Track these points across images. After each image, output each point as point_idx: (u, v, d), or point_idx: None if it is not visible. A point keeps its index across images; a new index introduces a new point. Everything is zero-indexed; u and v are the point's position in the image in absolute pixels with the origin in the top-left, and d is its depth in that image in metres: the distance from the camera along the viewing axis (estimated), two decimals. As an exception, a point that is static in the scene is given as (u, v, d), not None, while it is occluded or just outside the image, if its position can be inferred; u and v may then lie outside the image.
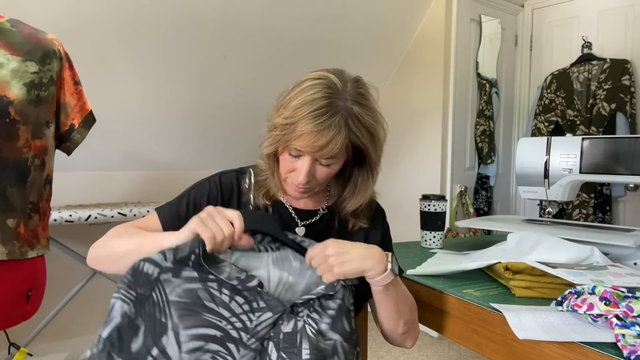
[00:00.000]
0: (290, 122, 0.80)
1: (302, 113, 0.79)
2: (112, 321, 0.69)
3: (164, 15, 2.12)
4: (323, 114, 0.78)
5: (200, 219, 0.73)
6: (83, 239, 2.42)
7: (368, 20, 2.70)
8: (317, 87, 0.81)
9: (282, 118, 0.81)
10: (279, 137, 0.83)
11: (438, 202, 1.34)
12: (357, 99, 0.83)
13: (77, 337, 2.45)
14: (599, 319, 0.72)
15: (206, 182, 0.94)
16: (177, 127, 2.54)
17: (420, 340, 2.73)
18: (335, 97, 0.80)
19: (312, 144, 0.79)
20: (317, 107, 0.79)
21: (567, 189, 1.34)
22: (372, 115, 0.85)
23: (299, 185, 0.86)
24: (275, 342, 0.70)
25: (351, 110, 0.81)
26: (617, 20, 2.71)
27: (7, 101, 1.08)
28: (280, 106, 0.84)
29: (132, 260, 0.72)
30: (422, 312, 1.03)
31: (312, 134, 0.78)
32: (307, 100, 0.79)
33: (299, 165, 0.84)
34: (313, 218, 0.95)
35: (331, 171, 0.87)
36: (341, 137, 0.80)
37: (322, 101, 0.79)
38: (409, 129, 3.01)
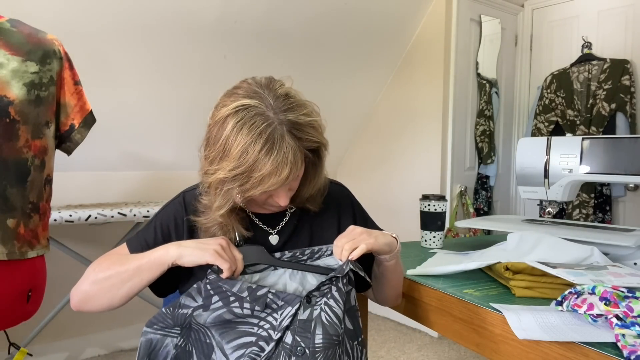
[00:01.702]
0: (241, 171, 0.74)
1: (252, 156, 0.73)
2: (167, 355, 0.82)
3: (164, 16, 2.12)
4: (272, 147, 0.73)
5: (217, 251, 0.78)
6: (83, 239, 2.42)
7: (368, 20, 2.70)
8: (246, 121, 0.74)
9: (228, 171, 0.75)
10: (233, 190, 0.77)
11: (438, 202, 1.34)
12: (284, 105, 0.77)
13: (77, 337, 2.45)
14: (599, 319, 0.72)
15: (171, 204, 0.92)
16: (177, 127, 2.54)
17: (420, 340, 2.73)
18: (267, 118, 0.74)
19: (278, 179, 0.75)
20: (262, 143, 0.73)
21: (567, 189, 1.34)
22: (304, 110, 0.79)
23: (279, 208, 0.89)
24: (292, 329, 0.77)
25: (288, 121, 0.76)
26: (617, 20, 2.72)
27: (7, 101, 1.08)
28: (213, 160, 0.78)
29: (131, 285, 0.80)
30: (422, 312, 1.03)
31: (274, 172, 0.74)
32: (247, 142, 0.73)
33: (275, 195, 0.83)
34: (282, 221, 0.92)
35: (300, 178, 0.85)
36: (298, 154, 0.77)
37: (262, 133, 0.73)
38: (409, 129, 3.01)
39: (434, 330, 1.01)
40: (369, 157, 3.26)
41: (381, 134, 3.20)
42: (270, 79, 0.82)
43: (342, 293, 0.80)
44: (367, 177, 3.25)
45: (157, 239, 0.88)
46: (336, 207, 0.97)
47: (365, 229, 0.86)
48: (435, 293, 0.97)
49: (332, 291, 0.80)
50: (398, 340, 2.74)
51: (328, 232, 0.94)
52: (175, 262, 0.79)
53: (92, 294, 0.83)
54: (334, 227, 0.95)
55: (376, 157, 3.23)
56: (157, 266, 0.80)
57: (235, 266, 0.80)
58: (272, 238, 0.91)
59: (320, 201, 0.94)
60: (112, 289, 0.81)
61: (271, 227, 0.92)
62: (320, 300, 0.79)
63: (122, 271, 0.81)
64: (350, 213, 0.99)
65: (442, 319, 0.98)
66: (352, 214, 0.99)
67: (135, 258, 0.82)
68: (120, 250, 0.89)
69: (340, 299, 0.79)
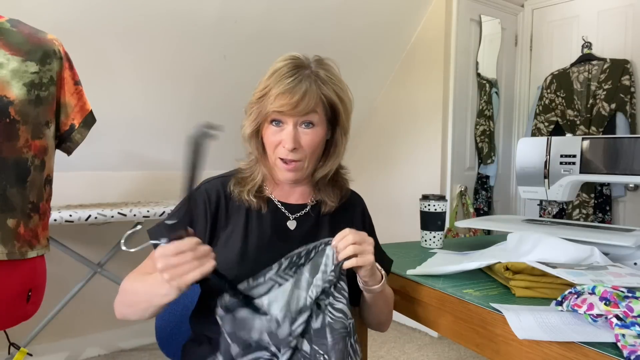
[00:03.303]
0: (264, 92, 0.88)
1: (274, 80, 0.87)
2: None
3: (164, 16, 2.12)
4: (292, 75, 0.87)
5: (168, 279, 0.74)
6: (83, 239, 2.42)
7: (368, 20, 2.70)
8: (284, 61, 0.90)
9: (259, 91, 0.89)
10: (257, 110, 0.90)
11: (438, 202, 1.34)
12: (321, 67, 0.91)
13: (77, 337, 2.45)
14: (599, 319, 0.72)
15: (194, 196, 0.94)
16: (177, 127, 2.54)
17: (420, 340, 2.73)
18: (300, 64, 0.89)
19: (289, 102, 0.85)
20: (286, 71, 0.87)
21: (567, 189, 1.34)
22: (337, 79, 0.92)
23: (287, 156, 0.89)
24: (307, 338, 0.80)
25: (317, 74, 0.89)
26: (617, 20, 2.71)
27: (7, 101, 1.08)
28: (256, 90, 0.92)
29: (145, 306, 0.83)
30: (422, 312, 1.03)
31: (286, 93, 0.85)
32: (275, 69, 0.88)
33: (283, 134, 0.89)
34: (302, 211, 0.98)
35: (314, 137, 0.90)
36: (312, 91, 0.87)
37: (290, 67, 0.88)
38: (409, 129, 3.01)
39: (434, 330, 1.01)
40: (369, 157, 3.26)
41: (381, 134, 3.19)
42: (318, 56, 0.95)
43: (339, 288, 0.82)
44: (367, 177, 3.25)
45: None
46: (351, 213, 1.04)
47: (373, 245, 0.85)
48: (435, 293, 0.97)
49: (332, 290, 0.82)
50: (398, 340, 2.74)
51: None
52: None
53: (125, 312, 0.89)
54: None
55: (376, 157, 3.23)
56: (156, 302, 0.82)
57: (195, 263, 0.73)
58: (290, 223, 0.96)
59: (337, 197, 0.99)
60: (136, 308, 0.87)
61: (291, 213, 0.96)
62: (325, 301, 0.82)
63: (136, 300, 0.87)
64: (361, 222, 1.05)
65: (442, 319, 0.98)
66: (362, 223, 1.05)
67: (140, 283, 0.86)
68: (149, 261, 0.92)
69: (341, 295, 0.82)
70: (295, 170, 0.91)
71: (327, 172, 0.97)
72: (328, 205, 0.98)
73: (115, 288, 0.85)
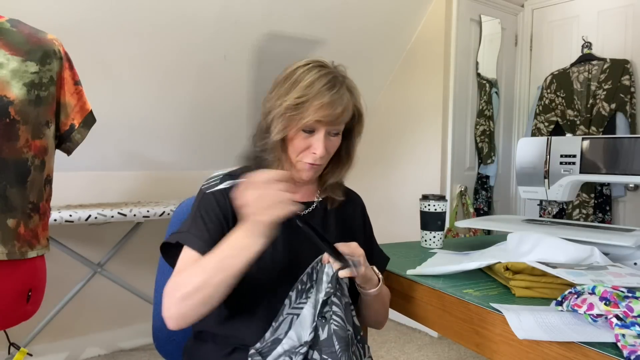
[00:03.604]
0: (304, 100, 0.88)
1: (316, 88, 0.88)
2: None
3: (164, 16, 2.12)
4: (334, 86, 0.90)
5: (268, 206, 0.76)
6: (83, 239, 2.42)
7: (368, 21, 2.70)
8: (316, 68, 0.91)
9: (294, 99, 0.88)
10: (292, 117, 0.89)
11: (438, 202, 1.34)
12: (345, 74, 0.96)
13: (77, 337, 2.45)
14: (599, 319, 0.72)
15: (209, 195, 0.93)
16: (177, 127, 2.54)
17: (420, 340, 2.73)
18: (333, 72, 0.92)
19: (332, 112, 0.88)
20: (327, 80, 0.89)
21: (567, 189, 1.34)
22: (355, 86, 0.97)
23: (315, 161, 0.92)
24: (317, 349, 0.82)
25: (346, 83, 0.94)
26: (617, 20, 2.71)
27: (7, 101, 1.08)
28: (281, 95, 0.91)
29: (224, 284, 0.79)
30: (422, 312, 1.03)
31: (330, 104, 0.88)
32: (315, 78, 0.89)
33: (313, 141, 0.91)
34: (309, 208, 1.00)
35: (337, 143, 0.96)
36: (351, 103, 0.93)
37: (329, 76, 0.90)
38: (409, 129, 3.01)
39: (434, 330, 1.01)
40: (369, 157, 3.26)
41: (381, 134, 3.19)
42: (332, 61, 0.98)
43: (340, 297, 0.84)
44: (367, 177, 3.25)
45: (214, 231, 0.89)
46: (353, 209, 1.08)
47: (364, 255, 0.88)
48: (435, 293, 0.97)
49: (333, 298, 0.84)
50: (398, 340, 2.74)
51: (348, 232, 1.04)
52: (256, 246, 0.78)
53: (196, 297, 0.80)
54: (350, 229, 1.05)
55: (376, 157, 3.23)
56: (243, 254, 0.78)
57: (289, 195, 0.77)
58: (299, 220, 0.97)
59: (342, 194, 1.04)
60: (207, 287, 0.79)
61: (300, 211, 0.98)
62: (329, 311, 0.84)
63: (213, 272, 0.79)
64: (362, 223, 1.08)
65: (442, 319, 0.98)
66: (363, 225, 1.09)
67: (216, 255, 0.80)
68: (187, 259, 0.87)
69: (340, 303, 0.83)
70: (316, 171, 0.96)
71: (340, 178, 1.02)
72: (335, 202, 1.02)
73: (116, 288, 0.83)
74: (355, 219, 1.07)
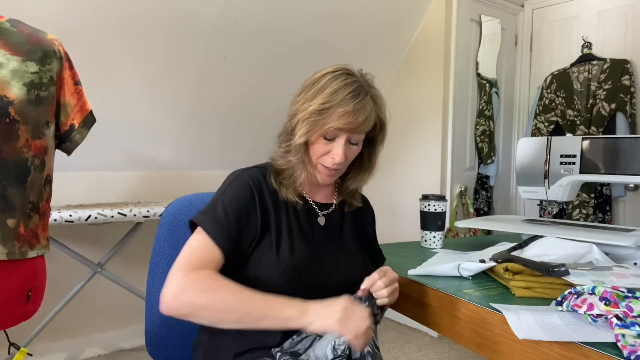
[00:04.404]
0: (328, 106, 0.90)
1: (340, 96, 0.90)
2: None
3: (164, 16, 2.12)
4: (358, 95, 0.91)
5: (340, 318, 0.79)
6: (83, 239, 2.42)
7: (368, 20, 2.70)
8: (342, 76, 0.93)
9: (318, 104, 0.91)
10: (315, 122, 0.91)
11: (438, 202, 1.34)
12: (371, 84, 0.97)
13: (77, 337, 2.45)
14: (599, 319, 0.72)
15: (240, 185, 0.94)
16: (177, 127, 2.54)
17: (420, 340, 2.73)
18: (359, 82, 0.94)
19: (354, 121, 0.90)
20: (352, 89, 0.91)
21: (567, 189, 1.34)
22: (381, 96, 0.99)
23: (333, 166, 0.95)
24: None
25: (371, 92, 0.95)
26: (617, 20, 2.71)
27: (7, 101, 1.08)
28: (307, 99, 0.93)
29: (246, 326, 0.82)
30: (422, 312, 1.03)
31: (353, 112, 0.90)
32: (340, 86, 0.91)
33: (333, 146, 0.94)
34: (330, 209, 1.05)
35: (357, 151, 0.98)
36: (373, 113, 0.95)
37: (354, 85, 0.92)
38: (409, 129, 3.01)
39: (434, 330, 1.01)
40: (369, 157, 3.26)
41: (381, 134, 3.19)
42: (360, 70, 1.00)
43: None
44: (367, 177, 3.25)
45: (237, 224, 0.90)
46: (366, 212, 1.13)
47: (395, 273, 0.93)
48: (435, 293, 0.97)
49: None
50: (398, 340, 2.74)
51: (362, 233, 1.09)
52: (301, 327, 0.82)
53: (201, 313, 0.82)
54: (364, 232, 1.10)
55: (376, 157, 3.22)
56: (282, 324, 0.81)
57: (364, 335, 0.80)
58: (320, 219, 1.02)
59: (360, 198, 1.10)
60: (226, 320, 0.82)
61: (320, 210, 1.04)
62: None
63: (245, 312, 0.81)
64: (372, 228, 1.14)
65: (442, 319, 0.98)
66: (373, 227, 1.14)
67: (260, 306, 0.81)
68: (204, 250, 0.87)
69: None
70: (334, 176, 0.99)
71: (361, 184, 1.07)
72: (353, 205, 1.07)
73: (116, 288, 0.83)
74: (368, 223, 1.12)
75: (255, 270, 0.91)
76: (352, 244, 1.04)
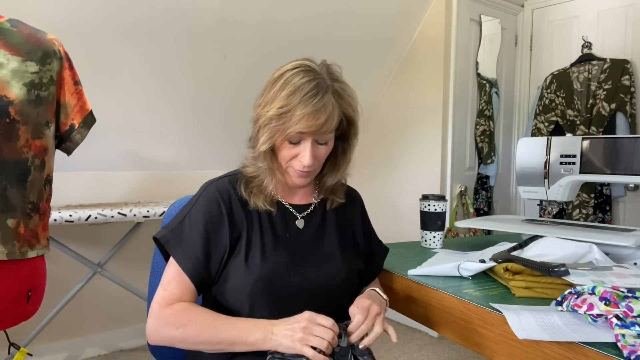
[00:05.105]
0: (286, 110, 0.85)
1: (297, 98, 0.85)
2: None
3: (164, 16, 2.12)
4: (316, 94, 0.86)
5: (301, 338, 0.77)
6: (83, 239, 2.42)
7: (368, 20, 2.70)
8: (300, 74, 0.87)
9: (276, 109, 0.86)
10: (276, 128, 0.87)
11: (438, 202, 1.34)
12: (333, 77, 0.91)
13: (77, 337, 2.45)
14: (599, 319, 0.72)
15: (207, 200, 0.93)
16: (177, 127, 2.54)
17: (420, 340, 2.73)
18: (318, 78, 0.88)
19: (315, 123, 0.85)
20: (309, 88, 0.85)
21: (567, 189, 1.34)
22: (347, 88, 0.93)
23: (303, 169, 0.91)
24: None
25: (333, 87, 0.89)
26: (617, 20, 2.71)
27: (7, 101, 1.08)
28: (267, 102, 0.89)
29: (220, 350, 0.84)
30: (423, 312, 1.03)
31: (312, 114, 0.85)
32: (297, 86, 0.86)
33: (300, 149, 0.90)
34: (308, 210, 1.00)
35: (328, 149, 0.93)
36: (336, 111, 0.88)
37: (311, 84, 0.86)
38: (409, 129, 3.01)
39: (434, 330, 1.01)
40: (369, 157, 3.26)
41: (381, 134, 3.19)
42: (323, 60, 0.94)
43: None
44: (367, 177, 3.25)
45: (205, 247, 0.90)
46: (351, 209, 1.07)
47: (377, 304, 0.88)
48: (435, 293, 0.97)
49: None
50: (398, 340, 2.73)
51: (348, 230, 1.04)
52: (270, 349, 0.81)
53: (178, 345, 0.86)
54: (350, 226, 1.05)
55: (376, 157, 3.23)
56: (251, 348, 0.82)
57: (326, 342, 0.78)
58: (299, 222, 0.98)
59: (342, 195, 1.04)
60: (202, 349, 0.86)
61: (298, 213, 0.99)
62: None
63: (215, 342, 0.83)
64: (361, 218, 1.08)
65: (442, 319, 0.98)
66: (362, 219, 1.09)
67: (228, 334, 0.82)
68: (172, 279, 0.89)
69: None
70: (307, 177, 0.95)
71: (338, 179, 1.01)
72: (335, 202, 1.02)
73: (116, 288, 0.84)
74: (355, 217, 1.07)
75: (227, 285, 0.90)
76: (335, 244, 0.99)
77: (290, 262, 0.92)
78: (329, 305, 0.90)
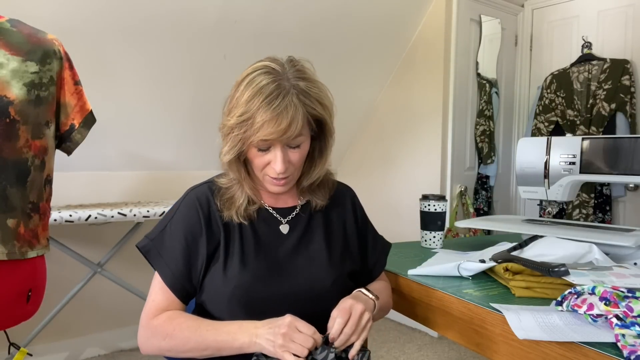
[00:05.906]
0: (246, 117, 0.81)
1: (256, 104, 0.80)
2: None
3: (164, 15, 2.12)
4: (276, 97, 0.80)
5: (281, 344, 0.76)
6: (83, 239, 2.42)
7: (368, 20, 2.70)
8: (260, 77, 0.83)
9: (237, 117, 0.82)
10: (238, 136, 0.84)
11: (438, 202, 1.34)
12: (299, 75, 0.85)
13: (77, 337, 2.45)
14: (599, 319, 0.72)
15: (186, 208, 0.92)
16: (177, 127, 2.54)
17: (420, 340, 2.73)
18: (279, 79, 0.83)
19: (276, 129, 0.80)
20: (268, 93, 0.80)
21: (567, 189, 1.34)
22: (316, 86, 0.87)
23: (277, 176, 0.87)
24: None
25: (298, 87, 0.83)
26: (617, 20, 2.71)
27: (7, 101, 1.08)
28: (230, 109, 0.85)
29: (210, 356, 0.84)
30: (423, 312, 1.03)
31: (273, 120, 0.80)
32: (256, 90, 0.81)
33: (271, 157, 0.86)
34: (293, 213, 0.97)
35: (302, 152, 0.88)
36: (299, 113, 0.82)
37: (271, 86, 0.81)
38: (409, 129, 3.01)
39: (434, 330, 1.01)
40: (369, 157, 3.26)
41: (381, 134, 3.19)
42: (291, 57, 0.89)
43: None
44: (367, 177, 3.25)
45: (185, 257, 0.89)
46: (342, 207, 1.02)
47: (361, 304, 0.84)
48: (435, 293, 0.97)
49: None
50: (398, 340, 2.74)
51: (337, 231, 0.99)
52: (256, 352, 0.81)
53: (168, 354, 0.88)
54: (340, 227, 1.00)
55: (376, 157, 3.23)
56: (238, 352, 0.82)
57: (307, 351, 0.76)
58: (283, 227, 0.95)
59: (326, 195, 0.99)
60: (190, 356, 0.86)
61: (282, 217, 0.96)
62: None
63: (202, 349, 0.83)
64: (353, 216, 1.03)
65: (442, 319, 0.98)
66: (355, 216, 1.04)
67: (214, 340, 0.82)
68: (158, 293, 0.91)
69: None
70: (285, 185, 0.91)
71: (315, 179, 0.96)
72: (319, 204, 0.98)
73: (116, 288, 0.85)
74: (346, 214, 1.02)
75: (207, 295, 0.90)
76: (322, 247, 0.94)
77: (270, 270, 0.89)
78: (316, 312, 0.85)
